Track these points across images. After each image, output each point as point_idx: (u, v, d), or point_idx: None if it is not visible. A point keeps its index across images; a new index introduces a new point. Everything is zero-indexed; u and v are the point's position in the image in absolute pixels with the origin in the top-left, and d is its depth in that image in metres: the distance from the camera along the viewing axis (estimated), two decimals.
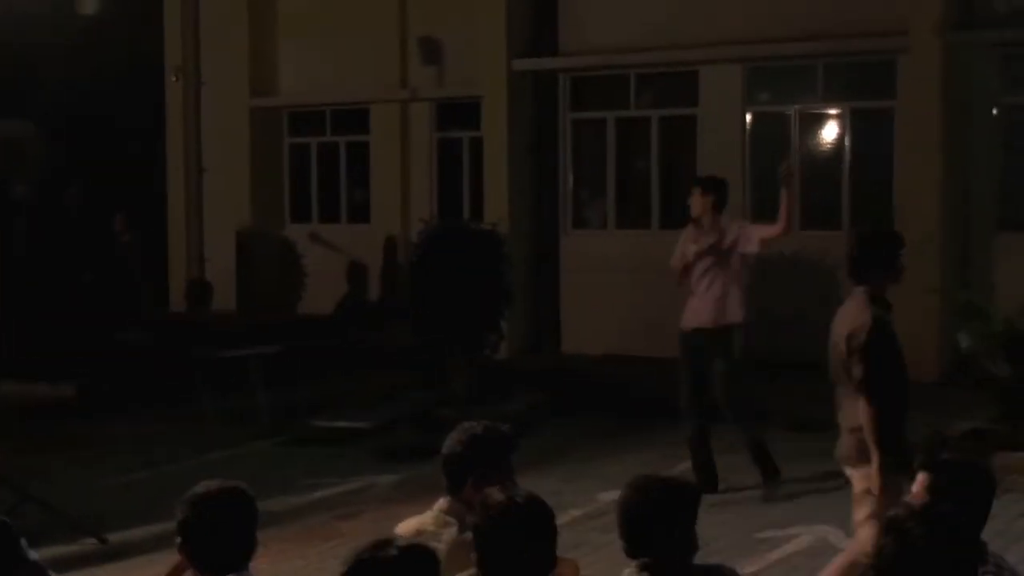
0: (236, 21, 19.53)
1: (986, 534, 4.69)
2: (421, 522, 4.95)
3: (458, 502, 4.89)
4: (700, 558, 4.44)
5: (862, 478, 6.56)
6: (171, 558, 4.62)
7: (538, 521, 4.09)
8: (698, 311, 9.85)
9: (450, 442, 4.96)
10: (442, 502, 4.98)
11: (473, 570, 4.13)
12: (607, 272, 16.48)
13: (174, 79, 20.16)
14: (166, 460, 11.22)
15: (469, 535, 4.20)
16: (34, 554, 4.82)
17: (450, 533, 4.78)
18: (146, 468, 10.97)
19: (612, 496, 9.19)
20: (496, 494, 4.16)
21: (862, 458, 6.53)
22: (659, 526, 4.29)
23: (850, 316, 6.61)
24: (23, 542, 4.64)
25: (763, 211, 15.69)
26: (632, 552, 4.32)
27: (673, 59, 16.29)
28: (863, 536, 6.45)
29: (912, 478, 5.14)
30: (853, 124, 15.60)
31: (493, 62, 16.93)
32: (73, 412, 13.32)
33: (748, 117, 16.10)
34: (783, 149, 15.65)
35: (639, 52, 16.37)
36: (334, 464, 11.18)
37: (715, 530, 8.06)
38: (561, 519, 4.33)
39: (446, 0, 17.73)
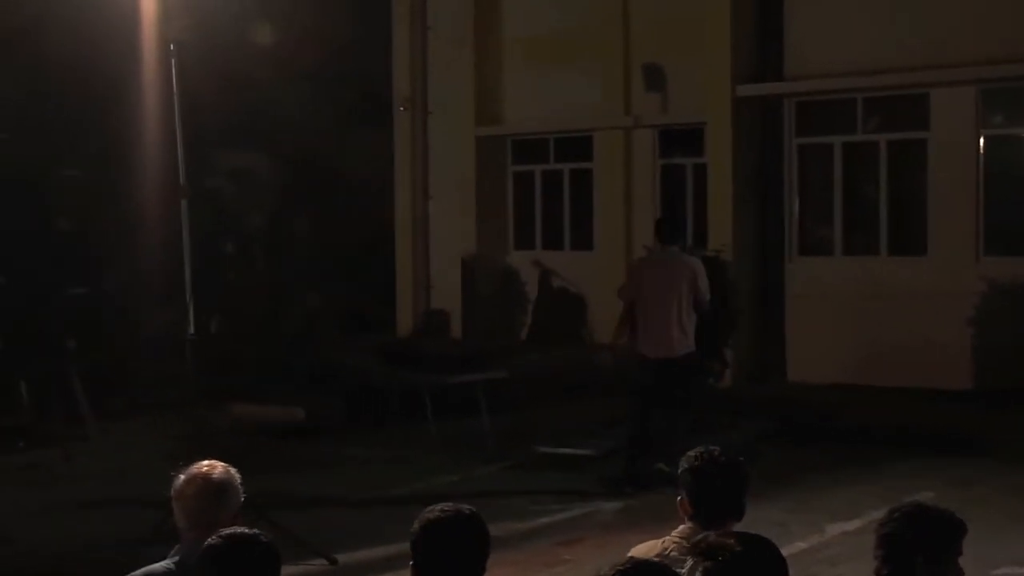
0: (462, 51, 19.84)
1: None
2: (664, 546, 4.82)
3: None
4: None
5: None
6: None
7: None
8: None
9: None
10: (683, 528, 4.84)
11: None
12: (834, 299, 16.22)
13: (402, 109, 20.55)
14: (394, 484, 11.39)
15: None
16: None
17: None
18: (374, 491, 11.13)
19: (839, 528, 9.12)
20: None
21: None
22: (926, 556, 4.18)
23: None
24: None
25: (998, 237, 15.35)
26: None
27: (902, 82, 15.97)
28: None
29: None
30: None
31: (717, 88, 16.83)
32: (303, 434, 13.61)
33: (982, 141, 15.64)
34: (1020, 173, 15.22)
35: (866, 75, 16.10)
36: (558, 491, 11.18)
37: None
38: (787, 551, 4.24)
39: (670, 27, 17.69)
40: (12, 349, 13.97)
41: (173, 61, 9.96)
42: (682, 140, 18.14)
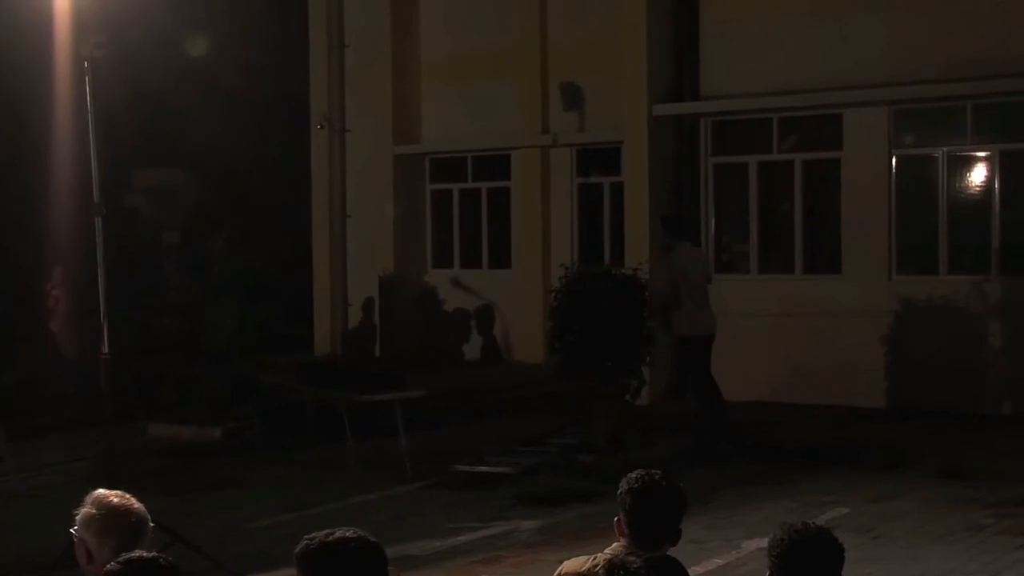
0: (379, 69, 19.87)
1: None
2: (594, 562, 4.81)
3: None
4: None
5: None
6: None
7: None
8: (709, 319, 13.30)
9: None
10: (616, 546, 4.85)
11: None
12: (751, 318, 16.32)
13: (319, 127, 20.52)
14: (310, 503, 11.31)
15: None
16: None
17: None
18: (291, 511, 11.03)
19: (755, 544, 9.16)
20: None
21: None
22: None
23: None
24: None
25: (909, 255, 15.57)
26: None
27: (817, 102, 16.15)
28: None
29: None
30: (1003, 166, 15.28)
31: (634, 107, 16.91)
32: (220, 454, 13.58)
33: (894, 160, 15.84)
34: (931, 192, 15.44)
35: (782, 95, 16.28)
36: (476, 509, 11.15)
37: None
38: (703, 567, 4.28)
39: (588, 46, 17.82)
40: None
41: (87, 78, 9.85)
42: (600, 159, 18.29)
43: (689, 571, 4.46)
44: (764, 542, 4.40)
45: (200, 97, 19.62)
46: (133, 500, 4.64)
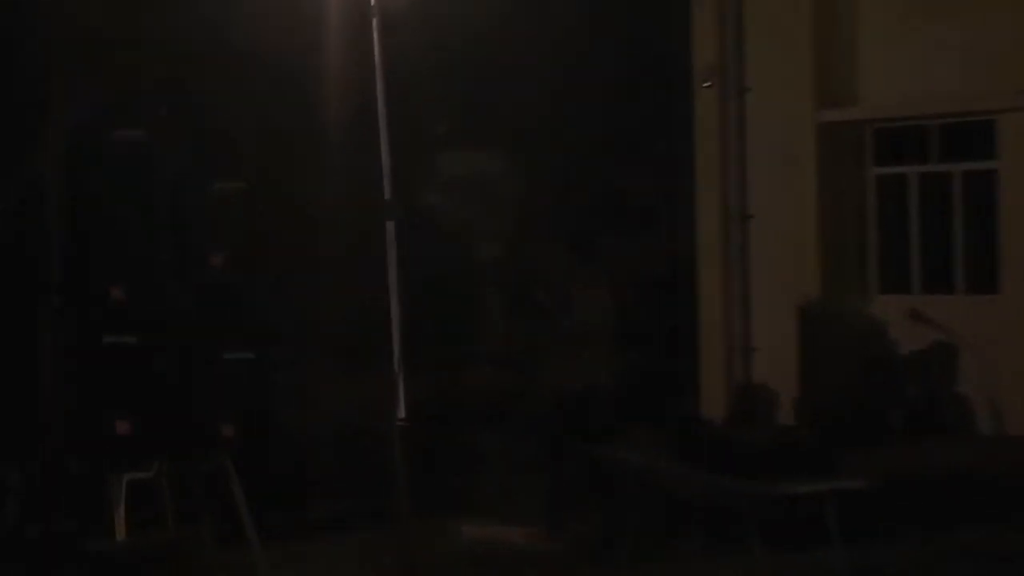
0: (794, 6, 19.76)
1: None
2: None
3: None
4: None
5: None
6: None
7: None
8: None
9: None
10: None
11: None
12: None
13: (706, 85, 20.52)
14: None
15: None
16: None
17: None
18: None
19: None
20: None
21: None
22: None
23: None
24: None
25: None
26: None
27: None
28: None
29: None
30: None
31: None
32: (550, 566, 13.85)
33: None
34: None
35: None
36: None
37: None
38: None
39: None
40: (147, 437, 14.06)
41: (375, 34, 9.98)
42: None
43: None
44: None
45: (528, 58, 19.71)
46: None
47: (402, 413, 10.59)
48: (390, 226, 10.06)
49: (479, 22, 18.97)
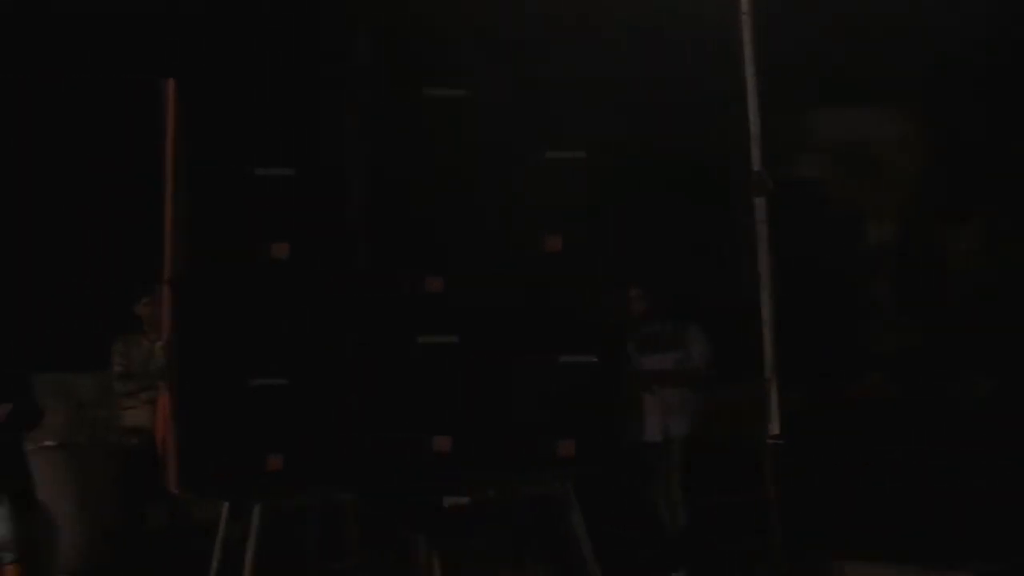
0: None
1: None
2: None
3: None
4: None
5: None
6: None
7: None
8: None
9: None
10: None
11: None
12: None
13: None
14: None
15: None
16: None
17: None
18: None
19: None
20: None
21: None
22: None
23: None
24: None
25: None
26: None
27: None
28: None
29: None
30: None
31: None
32: None
33: None
34: None
35: None
36: None
37: None
38: None
39: None
40: (469, 455, 13.14)
41: None
42: None
43: None
44: None
45: None
46: None
47: (776, 428, 9.28)
48: (759, 203, 8.78)
49: None
